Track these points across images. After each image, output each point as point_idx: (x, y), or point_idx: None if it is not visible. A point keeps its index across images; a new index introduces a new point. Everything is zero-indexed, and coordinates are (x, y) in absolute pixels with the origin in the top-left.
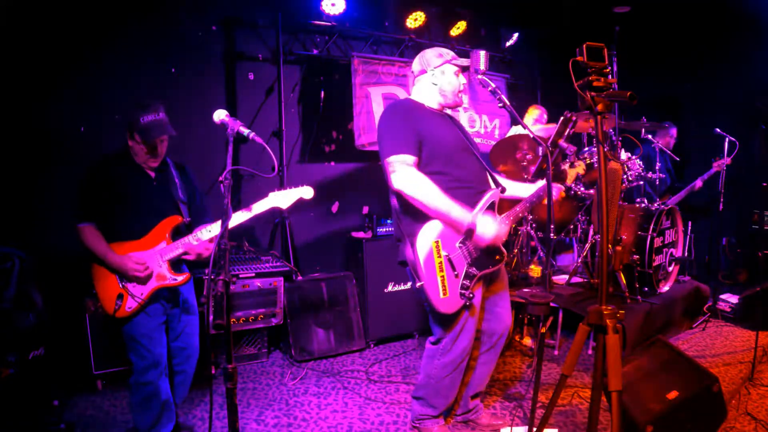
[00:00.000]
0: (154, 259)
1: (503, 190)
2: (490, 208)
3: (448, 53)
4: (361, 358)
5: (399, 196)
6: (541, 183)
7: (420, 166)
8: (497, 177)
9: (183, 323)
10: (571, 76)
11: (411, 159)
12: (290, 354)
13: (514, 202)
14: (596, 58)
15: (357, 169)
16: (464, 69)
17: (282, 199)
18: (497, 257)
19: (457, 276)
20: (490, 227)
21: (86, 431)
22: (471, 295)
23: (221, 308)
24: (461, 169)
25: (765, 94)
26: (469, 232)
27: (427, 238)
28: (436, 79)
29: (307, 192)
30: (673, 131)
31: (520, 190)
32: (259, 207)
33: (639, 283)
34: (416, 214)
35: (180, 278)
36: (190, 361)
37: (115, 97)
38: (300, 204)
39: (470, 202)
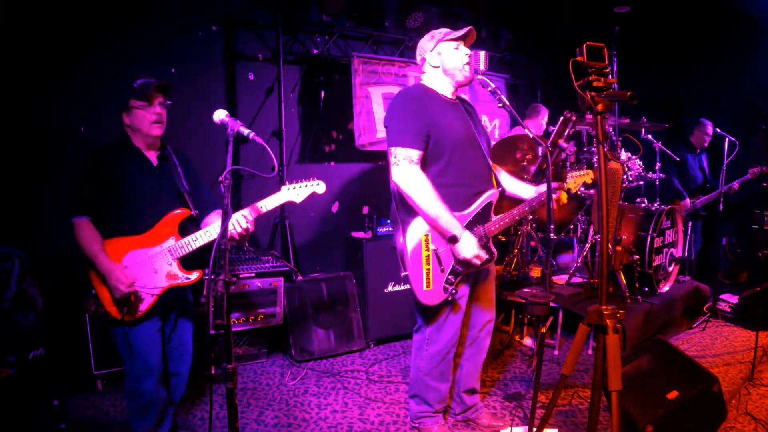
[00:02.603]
0: (162, 258)
1: (503, 191)
2: (486, 209)
3: (440, 32)
4: (361, 358)
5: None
6: (536, 191)
7: (424, 158)
8: (499, 175)
9: (178, 324)
10: (571, 76)
11: (416, 154)
12: (290, 354)
13: (515, 201)
14: (596, 58)
15: (357, 169)
16: (462, 39)
17: (295, 193)
18: (487, 256)
19: (442, 271)
20: (470, 248)
21: (86, 431)
22: (454, 291)
23: (221, 308)
24: (464, 165)
25: (765, 94)
26: (452, 239)
27: (418, 229)
28: (435, 61)
29: (320, 187)
30: (709, 128)
31: (522, 189)
32: (274, 201)
33: (639, 283)
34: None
35: (193, 276)
36: (184, 358)
37: (116, 97)
38: (301, 204)
39: (466, 202)
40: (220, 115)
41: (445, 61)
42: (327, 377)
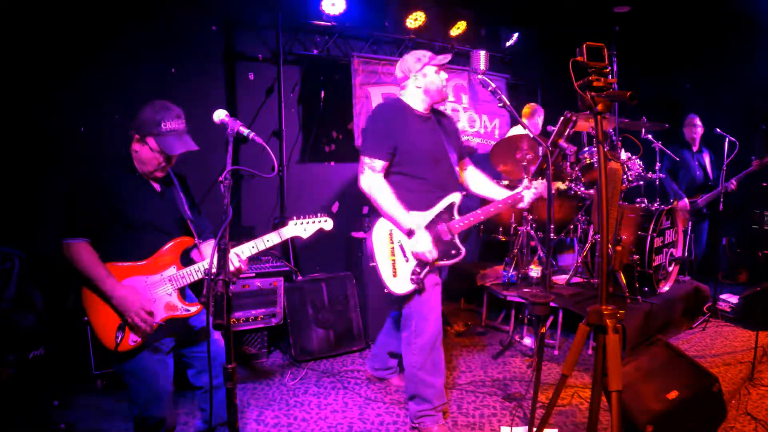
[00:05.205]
0: (162, 286)
1: (466, 194)
2: (449, 209)
3: (426, 55)
4: (361, 358)
5: None
6: (505, 195)
7: (392, 165)
8: (473, 177)
9: (204, 346)
10: (571, 76)
11: (380, 165)
12: (290, 354)
13: (488, 202)
14: (596, 58)
15: (357, 169)
16: (443, 65)
17: (302, 228)
18: (453, 252)
19: (407, 261)
20: (422, 244)
21: (86, 431)
22: (420, 280)
23: (221, 308)
24: (428, 174)
25: (765, 94)
26: (408, 233)
27: (384, 224)
28: (419, 82)
29: (327, 224)
30: (696, 121)
31: (493, 192)
32: (280, 236)
33: (639, 283)
34: None
35: (193, 309)
36: (202, 375)
37: (116, 97)
38: (301, 204)
39: (429, 204)
40: (220, 115)
41: (428, 83)
42: (327, 377)
